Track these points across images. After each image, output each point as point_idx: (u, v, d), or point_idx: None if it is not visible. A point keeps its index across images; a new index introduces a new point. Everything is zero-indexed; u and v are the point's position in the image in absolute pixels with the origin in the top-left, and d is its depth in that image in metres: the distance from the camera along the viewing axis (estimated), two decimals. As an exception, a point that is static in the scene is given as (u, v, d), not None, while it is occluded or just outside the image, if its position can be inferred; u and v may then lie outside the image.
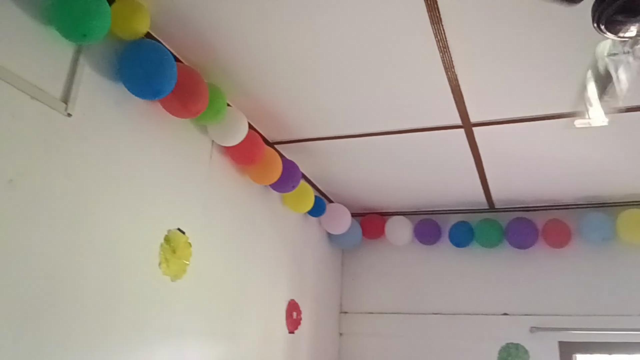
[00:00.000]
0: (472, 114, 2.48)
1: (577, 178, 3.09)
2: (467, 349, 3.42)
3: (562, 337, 3.24)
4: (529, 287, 3.44)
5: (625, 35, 1.21)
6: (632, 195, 3.24)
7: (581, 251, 3.39)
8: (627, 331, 3.12)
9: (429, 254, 3.76)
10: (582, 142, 2.67)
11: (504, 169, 3.06)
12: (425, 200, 3.63)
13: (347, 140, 2.81)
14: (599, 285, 3.29)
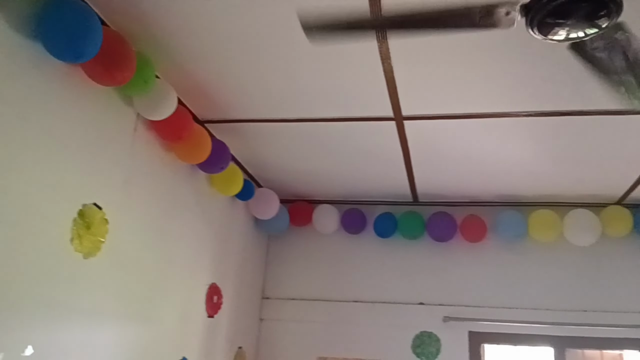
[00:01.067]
0: (404, 107, 2.52)
1: (496, 177, 3.24)
2: (384, 336, 3.51)
3: (472, 327, 3.41)
4: (445, 279, 3.59)
5: (554, 38, 1.26)
6: (544, 197, 3.46)
7: (495, 246, 3.57)
8: (532, 324, 3.33)
9: (354, 243, 3.82)
10: (504, 143, 2.80)
11: (430, 164, 3.15)
12: (353, 190, 3.67)
13: (279, 124, 2.77)
14: (509, 280, 3.49)
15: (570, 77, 2.15)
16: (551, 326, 3.29)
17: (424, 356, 3.41)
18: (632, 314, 3.22)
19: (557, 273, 3.44)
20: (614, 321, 3.22)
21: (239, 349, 3.38)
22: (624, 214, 3.31)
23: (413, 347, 3.45)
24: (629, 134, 2.58)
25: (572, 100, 2.33)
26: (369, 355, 3.50)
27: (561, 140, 2.71)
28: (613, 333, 3.23)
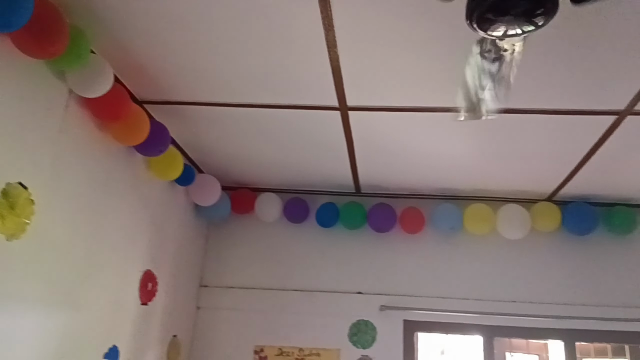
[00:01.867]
0: (349, 97, 2.52)
1: (435, 170, 3.31)
2: (322, 325, 3.54)
3: (407, 316, 3.50)
4: (383, 269, 3.65)
5: (494, 33, 1.30)
6: (479, 191, 3.58)
7: (432, 238, 3.67)
8: (463, 313, 3.45)
9: (295, 232, 3.81)
10: (445, 138, 2.86)
11: (373, 156, 3.18)
12: (296, 179, 3.66)
13: (222, 108, 2.70)
14: (444, 270, 3.60)
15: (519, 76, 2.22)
16: (481, 316, 3.43)
17: (360, 344, 3.47)
18: (556, 305, 3.41)
19: (489, 265, 3.58)
20: (539, 312, 3.40)
21: (173, 337, 3.31)
22: (553, 210, 3.48)
23: (350, 335, 3.50)
24: (559, 134, 2.70)
25: (509, 98, 2.40)
26: (306, 343, 3.52)
27: (497, 137, 2.81)
28: (538, 323, 3.40)
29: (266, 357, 3.52)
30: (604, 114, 2.47)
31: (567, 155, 2.94)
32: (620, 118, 2.49)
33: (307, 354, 3.51)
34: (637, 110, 2.41)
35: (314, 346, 3.52)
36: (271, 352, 3.53)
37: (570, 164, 3.04)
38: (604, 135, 2.66)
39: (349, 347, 3.47)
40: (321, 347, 3.50)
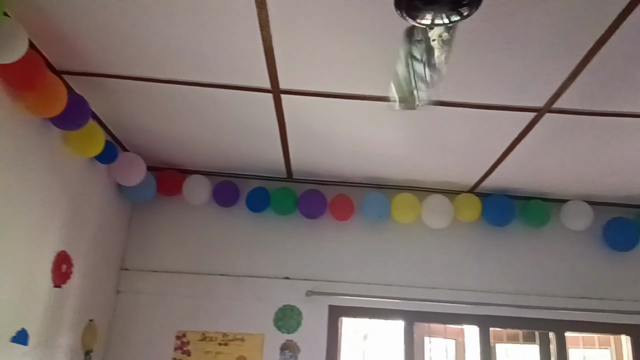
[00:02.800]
0: (282, 80, 2.49)
1: (366, 159, 3.36)
2: (247, 310, 3.51)
3: (333, 302, 3.54)
4: (311, 255, 3.67)
5: (422, 22, 1.31)
6: (407, 181, 3.67)
7: (360, 225, 3.73)
8: (386, 299, 3.54)
9: (224, 216, 3.74)
10: (376, 126, 2.90)
11: (305, 141, 3.17)
12: (227, 161, 3.59)
13: (149, 84, 2.59)
14: (370, 257, 3.67)
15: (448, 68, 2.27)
16: (403, 301, 3.53)
17: (284, 329, 3.47)
18: (473, 292, 3.57)
19: (412, 253, 3.69)
20: (457, 298, 3.54)
21: (89, 321, 3.16)
22: (474, 201, 3.62)
23: (275, 320, 3.49)
24: (483, 128, 2.81)
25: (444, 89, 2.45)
26: (231, 328, 3.48)
27: (425, 129, 2.87)
28: (456, 309, 3.55)
29: (188, 342, 3.45)
30: (524, 111, 2.59)
31: (489, 149, 3.06)
32: (539, 115, 2.62)
33: (231, 339, 3.47)
34: (555, 108, 2.54)
35: (238, 331, 3.48)
36: (194, 338, 3.46)
37: (491, 158, 3.18)
38: (524, 131, 2.79)
39: (274, 332, 3.47)
40: (245, 332, 3.47)
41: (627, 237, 3.59)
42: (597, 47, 2.05)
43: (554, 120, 2.65)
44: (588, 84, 2.31)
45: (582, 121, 2.64)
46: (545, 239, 3.72)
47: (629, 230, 3.59)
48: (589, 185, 3.46)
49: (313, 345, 3.45)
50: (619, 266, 3.65)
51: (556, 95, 2.41)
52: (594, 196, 3.63)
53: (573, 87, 2.34)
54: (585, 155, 3.03)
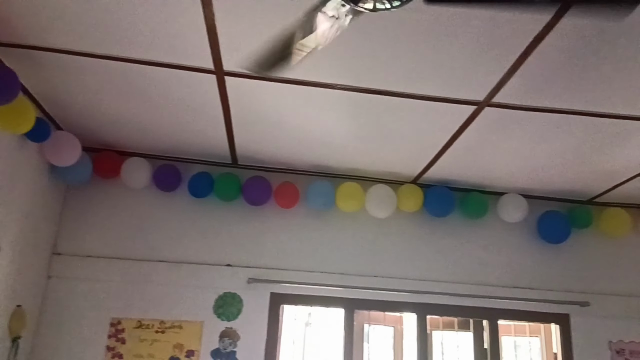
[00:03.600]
0: (226, 61, 2.42)
1: (311, 146, 3.34)
2: (186, 297, 3.44)
3: (274, 289, 3.52)
4: (254, 242, 3.63)
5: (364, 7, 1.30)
6: (352, 170, 3.69)
7: (304, 213, 3.72)
8: (328, 287, 3.55)
9: (165, 201, 3.64)
10: (321, 114, 2.88)
11: (251, 126, 3.12)
12: (169, 144, 3.48)
13: (87, 59, 2.46)
14: (313, 245, 3.68)
15: (386, 56, 2.28)
16: (345, 289, 3.56)
17: (224, 316, 3.43)
18: (412, 280, 3.64)
19: (355, 241, 3.72)
20: (397, 286, 3.61)
21: (17, 307, 3.00)
22: (417, 192, 3.69)
23: (215, 308, 3.44)
24: (425, 119, 2.85)
25: (384, 79, 2.48)
26: (168, 316, 3.40)
27: (370, 118, 2.89)
28: (396, 297, 3.61)
29: (123, 329, 3.34)
30: (465, 104, 2.64)
31: (431, 140, 3.11)
32: (479, 109, 2.69)
33: (169, 327, 3.39)
34: (494, 102, 2.61)
35: (176, 319, 3.41)
36: (129, 325, 3.35)
37: (433, 149, 3.24)
38: (465, 123, 2.85)
39: (213, 320, 3.42)
40: (184, 319, 3.41)
41: (559, 230, 3.76)
42: (534, 44, 2.11)
43: (493, 114, 2.72)
44: (525, 80, 2.38)
45: (519, 116, 2.72)
46: (483, 230, 3.84)
47: (561, 224, 3.76)
48: (525, 179, 3.59)
49: (253, 332, 3.42)
50: (550, 258, 3.82)
51: (495, 89, 2.47)
52: (530, 190, 3.77)
53: (511, 82, 2.40)
54: (522, 150, 3.14)
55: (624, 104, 2.55)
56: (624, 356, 3.68)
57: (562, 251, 3.84)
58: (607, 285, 3.79)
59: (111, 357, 3.31)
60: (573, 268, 3.82)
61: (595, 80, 2.36)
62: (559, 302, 3.68)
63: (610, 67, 2.25)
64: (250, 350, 3.38)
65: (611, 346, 3.68)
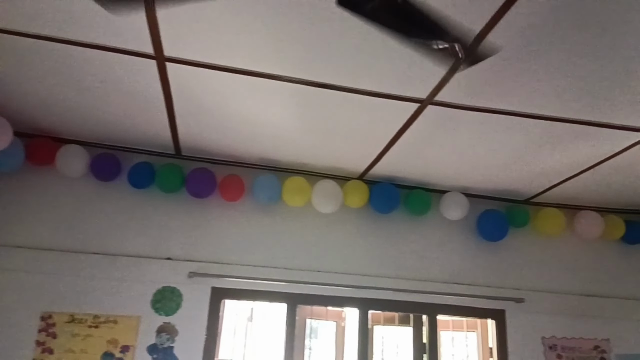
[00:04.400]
0: (166, 47, 2.35)
1: (258, 139, 3.29)
2: (123, 291, 3.32)
3: (216, 283, 3.45)
4: (197, 235, 3.55)
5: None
6: (298, 164, 3.66)
7: (249, 207, 3.67)
8: (271, 281, 3.52)
9: (103, 191, 3.51)
10: (268, 106, 2.84)
11: (194, 116, 3.04)
12: (108, 132, 3.35)
13: (17, 38, 2.32)
14: (258, 240, 3.63)
15: (331, 50, 2.27)
16: (288, 284, 3.53)
17: (162, 311, 3.33)
18: (355, 276, 3.66)
19: (300, 236, 3.70)
20: (340, 282, 3.61)
21: None
22: (363, 188, 3.71)
23: (153, 302, 3.34)
24: (371, 115, 2.86)
25: (330, 73, 2.47)
26: (102, 310, 3.27)
27: (316, 112, 2.87)
28: (339, 292, 3.62)
29: (54, 324, 3.19)
30: (408, 101, 2.67)
31: (376, 136, 3.13)
32: (422, 106, 2.72)
33: (103, 321, 3.27)
34: (436, 100, 2.65)
35: (111, 313, 3.29)
36: (60, 319, 3.20)
37: (379, 146, 3.26)
38: (408, 121, 2.89)
39: (151, 314, 3.32)
40: (119, 314, 3.29)
41: (498, 228, 3.87)
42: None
43: (436, 112, 2.76)
44: (466, 79, 2.43)
45: (460, 115, 2.78)
46: (425, 226, 3.91)
47: (499, 222, 3.87)
48: (466, 177, 3.68)
49: (192, 327, 3.34)
50: (488, 255, 3.93)
51: (437, 87, 2.51)
52: (471, 188, 3.87)
53: (453, 81, 2.44)
54: (463, 149, 3.21)
55: (558, 106, 2.65)
56: (556, 351, 3.84)
57: (499, 249, 3.96)
58: (541, 283, 3.94)
59: (41, 352, 3.15)
60: (510, 265, 3.95)
61: (531, 82, 2.44)
62: (495, 298, 3.79)
63: (545, 70, 2.33)
64: (188, 346, 3.30)
65: (544, 342, 3.83)
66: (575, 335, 3.87)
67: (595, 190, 3.77)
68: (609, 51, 2.17)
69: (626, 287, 4.05)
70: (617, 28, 2.02)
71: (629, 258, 4.14)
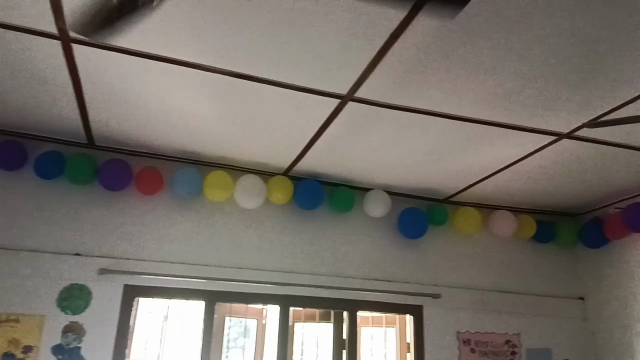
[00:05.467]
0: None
1: (177, 130, 3.17)
2: (26, 288, 3.10)
3: (129, 281, 3.29)
4: (109, 230, 3.37)
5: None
6: (221, 158, 3.57)
7: (167, 201, 3.54)
8: (188, 279, 3.40)
9: (5, 181, 3.26)
10: (186, 95, 2.73)
11: (107, 104, 2.88)
12: (14, 118, 3.11)
13: None
14: (174, 235, 3.50)
15: (251, 40, 2.20)
16: (207, 281, 3.43)
17: (69, 310, 3.14)
18: (277, 272, 3.62)
19: (221, 232, 3.61)
20: (261, 278, 3.56)
21: None
22: (287, 184, 3.67)
23: (59, 301, 3.13)
24: (293, 109, 2.82)
25: (250, 64, 2.40)
26: (3, 309, 3.04)
27: (237, 103, 2.80)
28: (259, 289, 3.56)
29: (-56, 325, 2.93)
30: (329, 96, 2.66)
31: (300, 132, 3.10)
32: (343, 103, 2.72)
33: (4, 320, 3.03)
34: (357, 97, 2.65)
35: (12, 312, 3.05)
36: (-49, 319, 2.94)
37: (302, 141, 3.23)
38: (330, 117, 2.88)
39: (56, 313, 3.11)
40: (21, 312, 3.06)
41: (418, 226, 3.95)
42: (391, 42, 2.17)
43: (357, 109, 2.77)
44: (385, 77, 2.45)
45: (381, 113, 2.80)
46: (348, 224, 3.93)
47: (419, 220, 3.95)
48: (389, 176, 3.73)
49: (102, 327, 3.17)
50: (408, 252, 4.02)
51: (357, 83, 2.51)
52: (394, 187, 3.93)
53: (372, 78, 2.45)
54: (385, 146, 3.24)
55: (474, 108, 2.73)
56: (469, 346, 3.97)
57: (419, 246, 4.05)
58: (457, 279, 4.07)
59: None
60: (428, 262, 4.05)
61: (447, 83, 2.49)
62: (414, 294, 3.88)
63: (461, 72, 2.39)
64: (97, 346, 3.13)
65: (459, 336, 3.96)
66: (488, 330, 4.02)
67: (508, 191, 3.94)
68: (522, 53, 2.25)
69: (537, 284, 4.27)
70: (528, 32, 2.10)
71: (540, 256, 4.37)
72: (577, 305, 4.30)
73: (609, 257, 4.15)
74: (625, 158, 3.27)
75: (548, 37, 2.12)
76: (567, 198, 4.06)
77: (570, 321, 4.24)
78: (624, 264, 4.02)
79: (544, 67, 2.34)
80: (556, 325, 4.19)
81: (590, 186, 3.78)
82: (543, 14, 1.98)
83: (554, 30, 2.07)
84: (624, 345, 3.91)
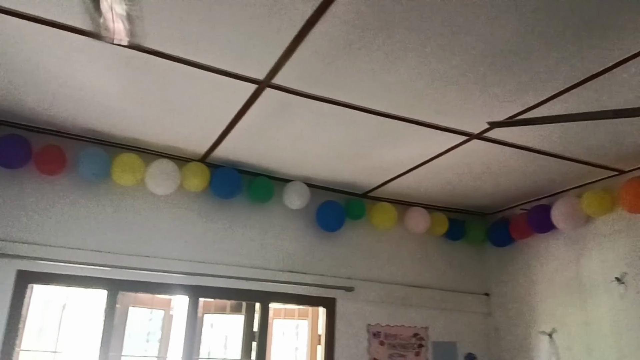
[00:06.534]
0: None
1: (84, 106, 2.95)
2: None
3: (22, 266, 3.05)
4: (1, 210, 3.10)
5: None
6: (133, 140, 3.38)
7: (71, 183, 3.31)
8: (89, 266, 3.20)
9: None
10: (96, 70, 2.54)
11: (2, 74, 2.62)
12: None
13: None
14: (76, 219, 3.28)
15: (162, 15, 2.07)
16: (109, 269, 3.25)
17: (-52, 296, 2.86)
18: (186, 262, 3.49)
19: (129, 218, 3.43)
20: (170, 268, 3.42)
21: None
22: (203, 171, 3.54)
23: (-63, 286, 2.85)
24: (208, 92, 2.71)
25: (161, 40, 2.26)
26: None
27: (146, 81, 2.63)
28: (167, 279, 3.41)
29: None
30: (247, 81, 2.57)
31: (216, 116, 2.99)
32: (260, 89, 2.64)
33: None
34: (274, 83, 2.58)
35: None
36: None
37: (219, 127, 3.12)
38: (248, 102, 2.79)
39: None
40: None
41: (335, 219, 3.96)
42: (307, 28, 2.12)
43: (274, 96, 2.70)
44: (301, 65, 2.40)
45: (298, 101, 2.75)
46: (266, 214, 3.87)
47: (337, 213, 3.96)
48: (308, 167, 3.70)
49: (-11, 315, 2.92)
50: (324, 244, 4.02)
51: (274, 69, 2.45)
52: (313, 179, 3.91)
53: (289, 65, 2.40)
54: (303, 137, 3.20)
55: (391, 103, 2.75)
56: (379, 338, 4.04)
57: (335, 239, 4.06)
58: (370, 273, 4.13)
59: None
60: (343, 255, 4.07)
61: (365, 77, 2.48)
62: (328, 287, 3.89)
63: (378, 66, 2.38)
64: (-19, 336, 2.87)
65: (369, 329, 4.01)
66: (397, 323, 4.11)
67: (422, 189, 4.03)
68: (439, 53, 2.27)
69: (446, 280, 4.42)
70: (446, 29, 2.12)
71: (450, 253, 4.52)
72: (483, 300, 4.49)
73: (514, 255, 4.37)
74: (531, 161, 3.43)
75: (465, 39, 2.15)
76: (477, 197, 4.22)
77: (475, 316, 4.42)
78: (527, 263, 4.24)
79: (459, 69, 2.39)
80: (462, 319, 4.35)
81: (499, 187, 3.95)
82: (462, 17, 2.00)
83: (471, 32, 2.11)
84: (525, 341, 4.13)
